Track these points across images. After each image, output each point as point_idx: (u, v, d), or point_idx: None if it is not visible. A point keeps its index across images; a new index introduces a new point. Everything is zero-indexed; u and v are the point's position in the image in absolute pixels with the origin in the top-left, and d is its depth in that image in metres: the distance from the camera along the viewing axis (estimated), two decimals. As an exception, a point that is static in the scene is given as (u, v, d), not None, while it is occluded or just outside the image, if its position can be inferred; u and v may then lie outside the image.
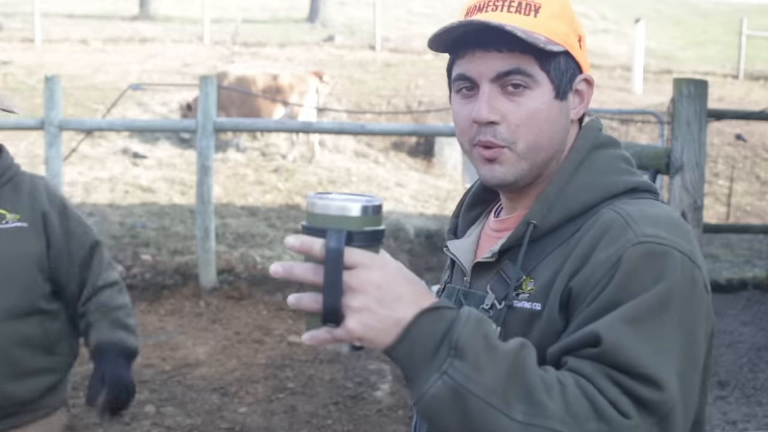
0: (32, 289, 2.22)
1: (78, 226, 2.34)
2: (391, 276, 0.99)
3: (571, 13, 1.22)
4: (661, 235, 1.08)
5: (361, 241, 0.98)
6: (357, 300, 0.97)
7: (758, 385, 5.04)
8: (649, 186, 1.21)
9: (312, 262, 0.99)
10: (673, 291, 1.05)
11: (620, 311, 1.03)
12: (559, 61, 1.19)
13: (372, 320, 0.97)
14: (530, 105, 1.18)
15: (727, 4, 26.09)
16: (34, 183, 2.32)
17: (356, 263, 0.97)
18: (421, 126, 9.20)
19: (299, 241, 0.98)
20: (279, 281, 6.82)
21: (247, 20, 19.27)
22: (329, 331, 0.98)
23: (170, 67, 14.30)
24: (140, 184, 9.67)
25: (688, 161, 3.83)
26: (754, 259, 8.32)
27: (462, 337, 0.97)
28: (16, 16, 18.91)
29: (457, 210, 1.40)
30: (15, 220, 2.22)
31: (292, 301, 1.00)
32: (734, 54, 16.99)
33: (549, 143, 1.20)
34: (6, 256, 2.18)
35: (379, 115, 12.02)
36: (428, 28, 19.18)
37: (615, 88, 14.43)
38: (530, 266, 1.17)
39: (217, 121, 6.73)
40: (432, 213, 9.32)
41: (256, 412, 4.54)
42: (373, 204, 1.00)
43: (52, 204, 2.29)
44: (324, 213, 0.98)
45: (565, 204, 1.18)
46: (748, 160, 11.82)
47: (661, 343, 1.03)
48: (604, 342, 1.01)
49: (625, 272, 1.05)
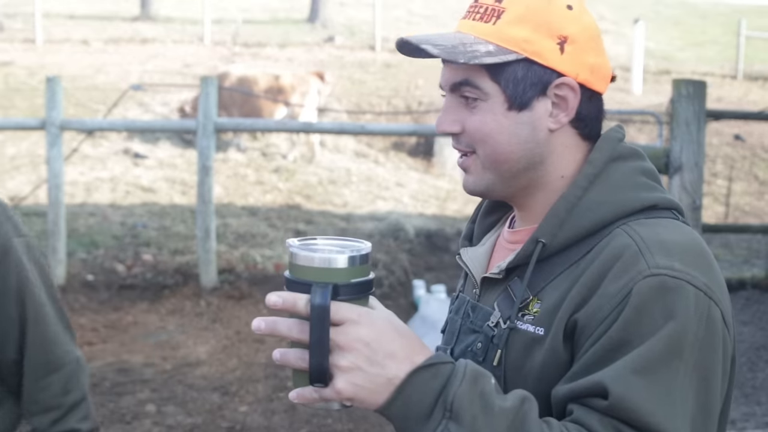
0: None
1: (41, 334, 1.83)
2: (381, 331, 0.94)
3: (542, 14, 1.11)
4: (676, 266, 1.01)
5: (349, 294, 0.93)
6: (345, 359, 0.92)
7: (757, 384, 5.06)
8: (669, 203, 1.13)
9: (297, 318, 0.93)
10: (686, 333, 0.99)
11: (629, 359, 0.98)
12: (515, 70, 1.10)
13: (362, 380, 0.92)
14: (479, 118, 1.12)
15: (725, 4, 26.09)
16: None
17: (343, 319, 0.92)
18: (421, 126, 9.22)
19: (281, 298, 0.92)
20: (280, 281, 6.84)
21: (247, 21, 19.28)
22: (317, 390, 0.93)
23: (171, 67, 14.32)
24: (141, 184, 9.69)
25: (687, 161, 3.85)
26: (752, 258, 8.33)
27: (457, 397, 0.93)
28: (17, 16, 18.92)
29: (474, 215, 1.32)
30: None
31: (277, 357, 0.95)
32: (733, 54, 17.00)
33: (509, 156, 1.12)
34: None
35: (379, 116, 12.04)
36: (428, 29, 19.19)
37: (614, 88, 14.42)
38: (538, 286, 1.11)
39: (218, 122, 6.75)
40: (432, 213, 9.34)
41: (256, 411, 4.55)
42: (360, 253, 0.94)
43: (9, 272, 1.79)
44: (308, 265, 0.92)
45: (577, 222, 1.10)
46: (747, 160, 11.83)
47: (673, 394, 0.97)
48: (612, 395, 0.96)
49: (634, 307, 0.99)
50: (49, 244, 6.79)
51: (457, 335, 1.20)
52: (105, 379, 4.91)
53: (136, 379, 4.96)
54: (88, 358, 5.28)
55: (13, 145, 10.62)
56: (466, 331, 1.18)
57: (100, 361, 5.22)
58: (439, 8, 21.95)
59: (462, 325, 1.20)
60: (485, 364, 1.09)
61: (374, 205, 9.53)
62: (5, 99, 12.29)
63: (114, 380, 4.91)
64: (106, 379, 4.91)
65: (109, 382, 4.88)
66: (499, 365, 1.09)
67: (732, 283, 7.29)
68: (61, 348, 1.87)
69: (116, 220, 8.43)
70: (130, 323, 6.06)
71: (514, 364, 1.08)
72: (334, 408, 0.97)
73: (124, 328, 5.96)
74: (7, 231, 1.79)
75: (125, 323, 6.05)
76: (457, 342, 1.19)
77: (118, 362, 5.22)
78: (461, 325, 1.20)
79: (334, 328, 0.92)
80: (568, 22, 1.12)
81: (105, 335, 5.78)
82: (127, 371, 5.07)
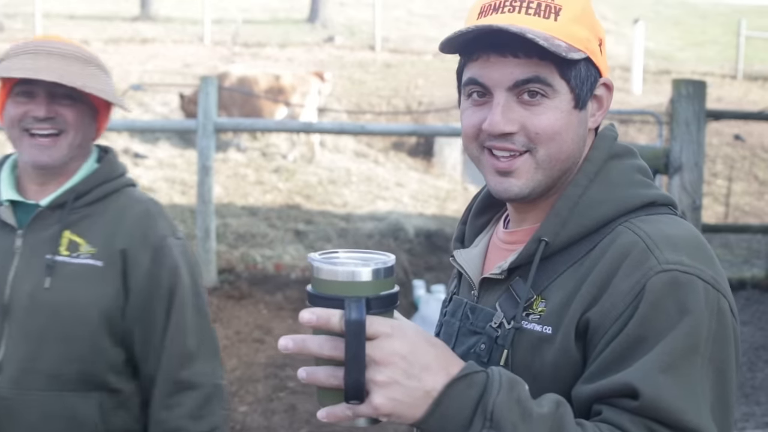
0: (95, 353, 1.69)
1: None
2: (415, 343, 0.92)
3: (591, 15, 1.14)
4: (685, 261, 1.03)
5: (379, 307, 0.91)
6: (383, 374, 0.90)
7: (757, 384, 5.06)
8: (666, 199, 1.14)
9: (326, 334, 0.91)
10: (700, 327, 1.01)
11: (653, 357, 0.98)
12: (580, 68, 1.11)
13: (401, 394, 0.90)
14: (549, 115, 1.10)
15: (725, 4, 26.09)
16: (134, 210, 1.77)
17: (377, 333, 0.90)
18: (421, 126, 9.22)
19: (315, 315, 0.90)
20: (279, 280, 6.84)
21: (247, 21, 19.28)
22: (351, 407, 0.91)
23: (171, 67, 14.32)
24: (141, 184, 9.67)
25: (687, 161, 3.85)
26: (752, 258, 8.33)
27: (497, 405, 0.92)
28: (17, 16, 18.92)
29: (464, 216, 1.32)
30: (88, 255, 1.70)
31: (303, 376, 0.92)
32: (733, 54, 17.00)
33: (568, 155, 1.12)
34: (64, 302, 1.67)
35: (379, 116, 12.04)
36: (428, 29, 19.19)
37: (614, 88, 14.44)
38: (542, 285, 1.10)
39: (218, 122, 6.75)
40: (432, 213, 9.34)
41: (256, 411, 4.55)
42: (386, 266, 0.92)
43: (145, 244, 1.73)
44: (332, 279, 0.90)
45: (579, 220, 1.10)
46: (747, 160, 11.83)
47: (697, 388, 0.99)
48: (642, 395, 0.97)
49: (649, 303, 1.00)
50: (49, 244, 6.78)
51: (455, 337, 1.19)
52: (105, 379, 4.91)
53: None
54: None
55: (13, 145, 10.63)
56: (466, 333, 1.18)
57: (100, 361, 5.22)
58: (440, 8, 21.95)
59: (461, 328, 1.19)
60: (490, 365, 1.07)
61: (374, 205, 9.52)
62: (5, 99, 12.28)
63: (114, 380, 4.91)
64: (106, 379, 4.91)
65: (109, 382, 4.88)
66: (506, 365, 1.09)
67: (732, 283, 7.27)
68: (198, 366, 1.74)
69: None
70: (130, 323, 6.05)
71: (522, 364, 1.08)
72: (360, 425, 0.94)
73: (124, 328, 5.95)
74: (163, 230, 1.77)
75: (125, 323, 6.05)
76: (456, 344, 1.18)
77: (118, 362, 5.22)
78: (460, 327, 1.19)
79: (369, 342, 0.90)
80: (600, 26, 1.16)
81: (105, 335, 5.77)
82: (127, 371, 5.07)
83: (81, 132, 1.77)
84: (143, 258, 1.72)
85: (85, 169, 1.81)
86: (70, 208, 1.72)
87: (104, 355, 1.70)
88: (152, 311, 1.72)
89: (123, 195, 1.80)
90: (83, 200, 1.75)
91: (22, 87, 1.73)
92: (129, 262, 1.70)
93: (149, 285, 1.71)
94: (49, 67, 1.69)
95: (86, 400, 1.67)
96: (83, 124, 1.78)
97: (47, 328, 1.66)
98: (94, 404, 1.67)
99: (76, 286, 1.68)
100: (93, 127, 1.83)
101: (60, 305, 1.67)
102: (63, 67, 1.71)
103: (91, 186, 1.77)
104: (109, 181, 1.80)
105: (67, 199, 1.73)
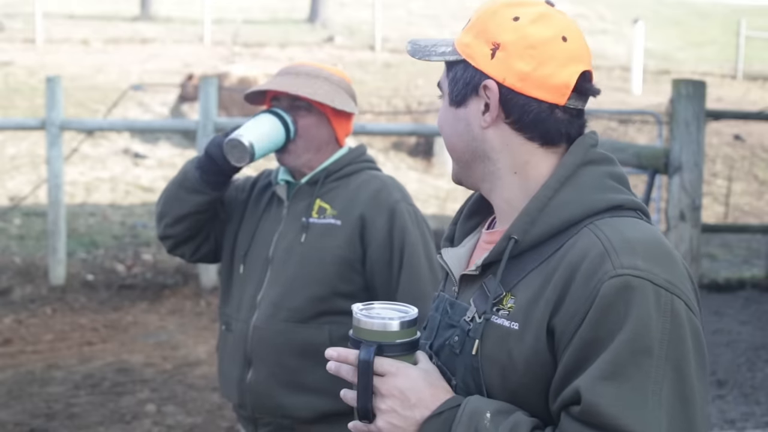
0: (330, 293, 2.09)
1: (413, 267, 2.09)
2: (414, 381, 1.15)
3: (484, 24, 1.21)
4: (639, 265, 1.07)
5: (395, 351, 1.17)
6: (384, 403, 1.15)
7: (756, 384, 5.06)
8: (634, 204, 1.19)
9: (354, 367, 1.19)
10: (649, 330, 1.05)
11: (598, 365, 1.05)
12: (457, 70, 1.24)
13: (398, 420, 1.15)
14: (440, 112, 1.29)
15: (725, 4, 26.11)
16: (372, 184, 2.16)
17: (385, 372, 1.15)
18: (421, 126, 9.23)
19: (336, 352, 1.19)
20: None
21: (247, 21, 19.29)
22: (366, 425, 1.18)
23: (171, 67, 14.32)
24: (141, 183, 9.70)
25: (687, 161, 3.86)
26: (752, 258, 8.34)
27: None
28: (17, 16, 18.93)
29: (455, 217, 1.41)
30: (330, 216, 2.14)
31: (342, 394, 1.20)
32: (732, 54, 17.02)
33: (453, 146, 1.27)
34: (311, 251, 2.09)
35: (378, 115, 12.05)
36: (428, 29, 19.22)
37: (613, 88, 14.44)
38: (511, 282, 1.18)
39: (218, 122, 6.76)
40: (432, 213, 9.34)
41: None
42: (409, 319, 1.19)
43: (380, 208, 2.12)
44: (369, 328, 1.18)
45: (547, 220, 1.17)
46: (747, 160, 11.84)
47: (645, 392, 1.04)
48: (583, 401, 1.04)
49: (599, 308, 1.06)
50: (49, 244, 6.79)
51: (436, 330, 1.29)
52: (105, 379, 4.91)
53: (136, 379, 4.96)
54: (88, 358, 5.29)
55: (13, 145, 10.63)
56: (444, 326, 1.27)
57: (100, 361, 5.22)
58: (439, 8, 21.96)
59: (441, 321, 1.28)
60: (463, 355, 1.19)
61: (374, 205, 9.52)
62: (5, 99, 12.29)
63: (114, 380, 4.91)
64: (106, 379, 4.91)
65: (109, 382, 4.88)
66: (476, 355, 1.18)
67: (731, 283, 7.30)
68: (429, 306, 2.03)
69: (116, 219, 8.44)
70: (130, 323, 6.07)
71: (489, 355, 1.17)
72: None
73: (124, 328, 5.97)
74: (396, 197, 2.16)
75: (125, 323, 6.06)
76: (436, 337, 1.28)
77: (118, 362, 5.23)
78: (440, 321, 1.29)
79: (378, 377, 1.16)
80: (505, 31, 1.20)
81: (105, 335, 5.78)
82: (127, 371, 5.08)
83: (313, 136, 2.15)
84: (380, 219, 2.11)
85: (337, 155, 2.21)
86: (322, 183, 2.16)
87: (338, 295, 2.10)
88: (389, 260, 2.11)
89: (364, 173, 2.20)
90: (332, 177, 2.17)
91: (274, 102, 2.19)
92: (367, 224, 2.11)
93: (386, 239, 2.11)
94: (283, 83, 2.12)
95: (319, 330, 2.09)
96: (315, 128, 2.15)
97: (297, 274, 2.11)
98: (325, 333, 2.08)
99: (321, 239, 2.11)
100: (325, 130, 2.17)
101: (308, 254, 2.10)
102: (293, 82, 2.11)
103: (339, 166, 2.18)
104: (353, 164, 2.21)
105: (320, 177, 2.17)
